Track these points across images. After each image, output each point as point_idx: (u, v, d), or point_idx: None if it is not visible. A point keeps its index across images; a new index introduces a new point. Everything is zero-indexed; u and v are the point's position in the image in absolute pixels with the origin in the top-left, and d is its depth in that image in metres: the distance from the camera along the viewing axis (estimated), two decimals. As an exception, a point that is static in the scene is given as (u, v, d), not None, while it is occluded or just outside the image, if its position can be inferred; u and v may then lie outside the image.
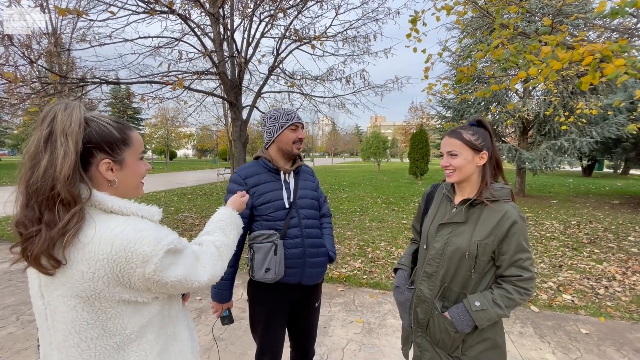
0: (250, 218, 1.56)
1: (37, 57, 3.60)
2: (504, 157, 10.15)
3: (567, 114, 7.03)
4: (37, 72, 4.50)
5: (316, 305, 1.72)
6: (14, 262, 0.77)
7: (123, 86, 5.62)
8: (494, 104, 10.30)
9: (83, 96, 5.64)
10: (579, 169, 22.68)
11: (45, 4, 5.57)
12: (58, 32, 7.09)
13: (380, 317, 3.02)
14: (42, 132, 0.74)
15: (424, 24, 3.79)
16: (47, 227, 0.72)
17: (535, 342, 2.65)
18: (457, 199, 1.30)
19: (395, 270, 1.52)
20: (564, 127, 5.81)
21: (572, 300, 3.35)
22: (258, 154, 1.64)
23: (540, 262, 4.47)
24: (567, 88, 8.68)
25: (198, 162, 46.10)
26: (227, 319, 1.60)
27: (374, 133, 25.08)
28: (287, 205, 1.54)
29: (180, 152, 62.24)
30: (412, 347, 1.41)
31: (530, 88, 9.67)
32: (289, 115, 1.58)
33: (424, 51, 3.93)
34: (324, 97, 6.35)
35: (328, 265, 1.79)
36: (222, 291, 1.56)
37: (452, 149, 1.24)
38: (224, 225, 1.10)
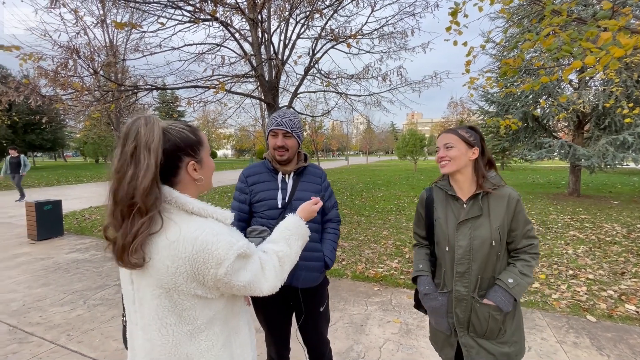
0: (250, 213, 1.65)
1: (99, 68, 3.98)
2: (556, 153, 9.39)
3: (631, 105, 6.32)
4: (97, 82, 4.98)
5: (321, 310, 1.70)
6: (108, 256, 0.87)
7: (169, 91, 6.02)
8: (544, 97, 9.55)
9: (136, 102, 6.14)
10: (647, 166, 20.28)
11: (103, 18, 6.13)
12: (115, 44, 7.77)
13: (419, 319, 2.96)
14: (128, 147, 0.80)
15: (465, 16, 3.63)
16: (123, 234, 0.79)
17: (592, 354, 2.45)
18: (464, 196, 1.39)
19: (415, 278, 1.51)
20: (627, 120, 5.23)
21: (637, 311, 3.03)
22: (264, 155, 1.71)
23: (599, 268, 4.09)
24: (632, 77, 7.81)
25: (237, 162, 47.93)
26: None
27: (410, 130, 24.42)
28: (279, 206, 1.57)
29: (220, 152, 65.24)
30: (454, 349, 1.41)
31: (587, 78, 8.83)
32: (272, 120, 1.60)
33: (465, 44, 3.76)
34: (360, 95, 6.32)
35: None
36: None
37: (448, 142, 1.37)
38: (288, 235, 1.10)
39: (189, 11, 4.54)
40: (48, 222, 5.79)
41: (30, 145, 28.87)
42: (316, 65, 5.72)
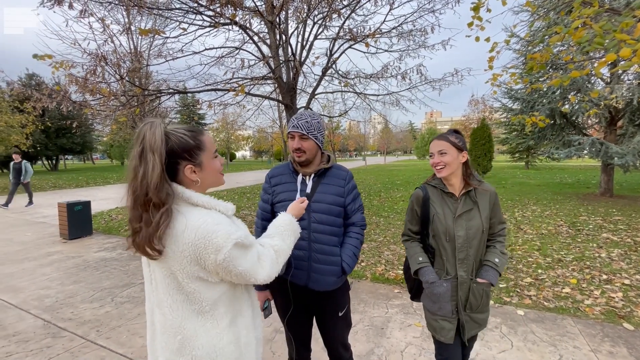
0: (272, 213, 1.70)
1: (125, 74, 4.14)
2: (586, 151, 8.94)
3: (670, 99, 5.92)
4: (123, 87, 5.18)
5: (340, 314, 1.68)
6: (127, 248, 0.97)
7: (190, 94, 6.18)
8: (573, 93, 9.11)
9: (159, 105, 6.34)
10: (687, 164, 18.92)
11: (128, 26, 6.37)
12: (139, 50, 8.06)
13: (441, 323, 2.88)
14: (137, 149, 0.91)
15: (488, 10, 3.51)
16: (146, 225, 0.89)
17: (630, 364, 2.30)
18: (456, 192, 1.59)
19: (416, 271, 1.64)
20: (666, 115, 4.89)
21: (680, 320, 2.82)
22: (289, 156, 1.73)
23: (635, 272, 3.85)
24: (671, 69, 7.31)
25: (255, 163, 48.63)
26: (267, 311, 1.67)
27: (429, 129, 23.99)
28: None
29: (238, 154, 66.44)
30: (455, 328, 1.59)
31: (620, 72, 8.36)
32: (290, 123, 1.61)
33: (487, 40, 3.65)
34: (378, 95, 6.25)
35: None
36: None
37: (442, 149, 1.54)
38: (282, 231, 1.20)
39: (209, 16, 4.64)
40: (78, 222, 6.07)
41: (61, 148, 30.45)
42: (334, 66, 5.71)
